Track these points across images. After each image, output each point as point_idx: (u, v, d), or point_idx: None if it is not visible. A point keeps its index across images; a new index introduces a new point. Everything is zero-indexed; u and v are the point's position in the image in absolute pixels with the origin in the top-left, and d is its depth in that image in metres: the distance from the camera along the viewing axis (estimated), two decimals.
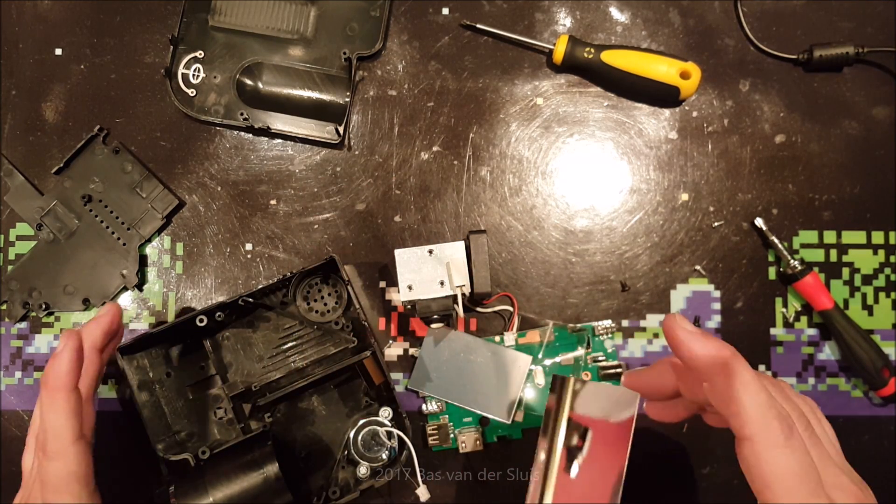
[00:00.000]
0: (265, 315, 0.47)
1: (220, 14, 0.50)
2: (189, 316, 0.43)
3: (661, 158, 0.50)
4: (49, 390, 0.36)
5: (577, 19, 0.50)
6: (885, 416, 0.48)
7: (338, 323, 0.46)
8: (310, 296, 0.46)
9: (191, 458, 0.42)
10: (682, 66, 0.46)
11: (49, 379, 0.37)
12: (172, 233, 0.50)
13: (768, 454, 0.28)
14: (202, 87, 0.49)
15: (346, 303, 0.46)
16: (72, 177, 0.49)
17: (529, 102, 0.50)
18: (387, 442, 0.43)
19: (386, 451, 0.43)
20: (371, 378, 0.44)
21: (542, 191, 0.50)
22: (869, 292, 0.49)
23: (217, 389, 0.46)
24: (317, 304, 0.46)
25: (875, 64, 0.50)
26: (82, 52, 0.50)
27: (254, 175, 0.50)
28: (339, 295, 0.46)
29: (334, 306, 0.46)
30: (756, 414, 0.28)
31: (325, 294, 0.47)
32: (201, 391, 0.46)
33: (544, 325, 0.48)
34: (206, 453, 0.42)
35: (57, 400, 0.36)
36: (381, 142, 0.50)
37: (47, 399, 0.36)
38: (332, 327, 0.46)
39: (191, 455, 0.42)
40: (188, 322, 0.43)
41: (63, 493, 0.35)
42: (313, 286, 0.46)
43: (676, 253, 0.49)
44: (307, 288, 0.46)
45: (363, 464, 0.43)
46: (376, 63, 0.50)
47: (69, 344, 0.37)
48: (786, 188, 0.49)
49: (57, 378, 0.36)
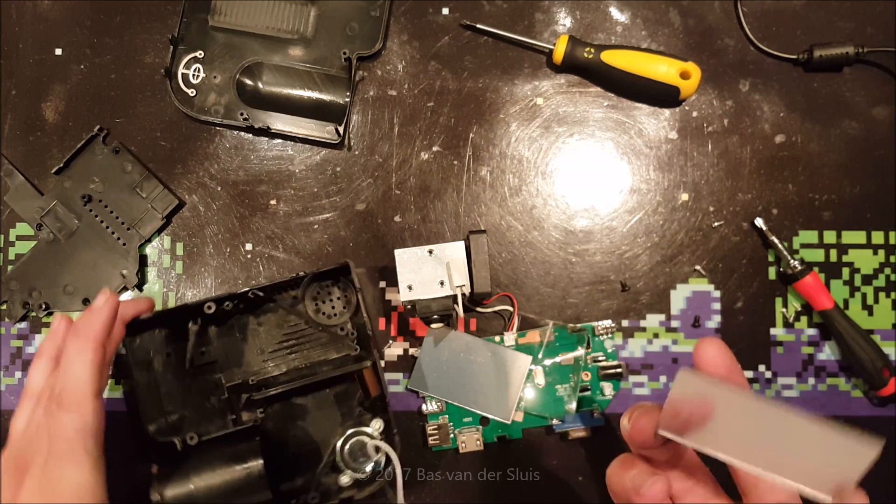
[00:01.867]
0: (272, 309, 0.46)
1: (219, 14, 0.50)
2: (199, 301, 0.43)
3: (661, 158, 0.50)
4: (81, 339, 0.36)
5: (577, 19, 0.50)
6: (885, 417, 0.48)
7: (343, 329, 0.46)
8: (319, 297, 0.46)
9: (178, 443, 0.42)
10: (682, 66, 0.46)
11: (83, 329, 0.36)
12: (172, 233, 0.50)
13: None
14: (202, 87, 0.49)
15: (355, 309, 0.46)
16: (72, 177, 0.49)
17: (529, 102, 0.50)
18: (373, 455, 0.43)
19: (371, 464, 0.43)
20: (368, 389, 0.44)
21: (542, 191, 0.50)
22: (869, 292, 0.49)
23: (215, 376, 0.46)
24: (325, 307, 0.46)
25: (875, 64, 0.50)
26: (82, 52, 0.50)
27: (254, 175, 0.50)
28: (349, 300, 0.46)
29: (342, 311, 0.46)
30: None
31: (335, 298, 0.46)
32: (199, 376, 0.46)
33: (544, 325, 0.48)
34: (195, 439, 0.42)
35: (87, 351, 0.36)
36: (381, 142, 0.50)
37: (76, 348, 0.36)
38: (338, 332, 0.46)
39: (178, 439, 0.42)
40: (196, 307, 0.43)
41: (76, 446, 0.34)
42: (324, 288, 0.46)
43: (676, 253, 0.49)
44: (318, 289, 0.46)
45: (346, 473, 0.43)
46: (376, 63, 0.50)
47: (110, 301, 0.37)
48: (786, 188, 0.49)
49: (92, 329, 0.36)
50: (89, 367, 0.35)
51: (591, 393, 0.47)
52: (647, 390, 0.48)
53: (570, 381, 0.47)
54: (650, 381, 0.48)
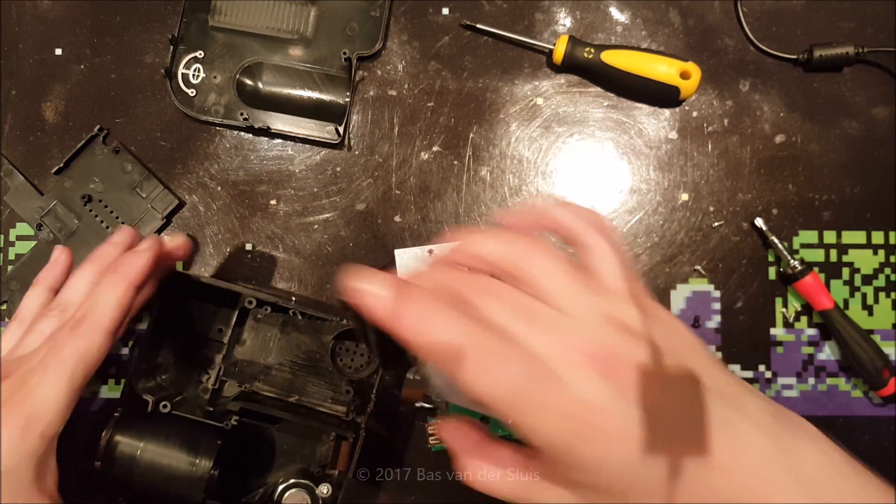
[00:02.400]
0: (298, 326, 0.46)
1: (219, 14, 0.50)
2: (241, 290, 0.43)
3: (661, 158, 0.50)
4: (118, 275, 0.36)
5: (577, 19, 0.50)
6: (885, 416, 0.48)
7: (349, 391, 0.45)
8: (346, 343, 0.45)
9: (151, 402, 0.42)
10: (682, 66, 0.46)
11: (122, 267, 0.36)
12: (172, 233, 0.50)
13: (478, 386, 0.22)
14: (202, 87, 0.49)
15: (371, 372, 0.45)
16: (72, 177, 0.49)
17: (529, 102, 0.50)
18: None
19: None
20: (337, 459, 0.43)
21: (542, 191, 0.50)
22: (869, 292, 0.49)
23: (217, 355, 0.46)
24: (347, 354, 0.45)
25: (875, 64, 0.50)
26: (82, 52, 0.50)
27: (254, 175, 0.50)
28: (370, 362, 0.45)
29: (358, 368, 0.45)
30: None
31: (360, 353, 0.45)
32: (204, 349, 0.46)
33: None
34: (167, 408, 0.42)
35: (119, 288, 0.36)
36: (381, 142, 0.50)
37: (110, 282, 0.36)
38: (343, 385, 0.45)
39: (153, 399, 0.42)
40: (236, 296, 0.44)
41: (66, 369, 0.34)
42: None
43: (676, 253, 0.49)
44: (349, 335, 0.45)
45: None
46: (376, 63, 0.50)
47: (153, 248, 0.38)
48: (786, 188, 0.49)
49: (132, 269, 0.36)
50: (116, 303, 0.35)
51: None
52: None
53: None
54: None
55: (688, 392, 0.24)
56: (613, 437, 0.22)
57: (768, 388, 0.48)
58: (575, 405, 0.22)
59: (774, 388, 0.48)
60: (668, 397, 0.23)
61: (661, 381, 0.23)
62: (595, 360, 0.23)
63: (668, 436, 0.23)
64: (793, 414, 0.26)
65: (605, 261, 0.26)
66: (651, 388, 0.23)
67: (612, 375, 0.23)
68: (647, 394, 0.23)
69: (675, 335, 0.26)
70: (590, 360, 0.23)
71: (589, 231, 0.27)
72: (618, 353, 0.23)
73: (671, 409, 0.23)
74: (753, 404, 0.25)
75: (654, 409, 0.23)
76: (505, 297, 0.24)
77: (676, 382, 0.24)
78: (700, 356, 0.26)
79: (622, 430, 0.22)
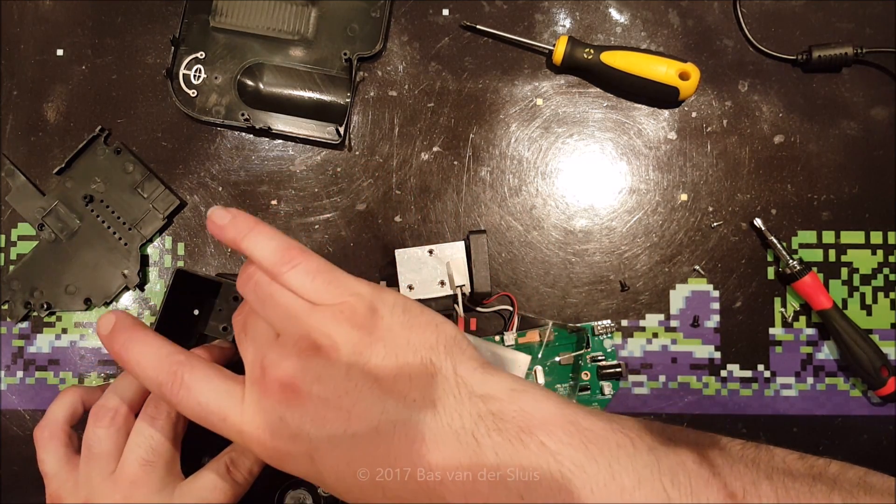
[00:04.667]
0: None
1: (220, 15, 0.50)
2: None
3: (660, 159, 0.50)
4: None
5: (577, 20, 0.51)
6: (884, 416, 0.48)
7: None
8: None
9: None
10: (681, 66, 0.47)
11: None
12: (174, 233, 0.50)
13: None
14: (203, 87, 0.49)
15: None
16: (73, 177, 0.49)
17: (529, 103, 0.50)
18: None
19: None
20: None
21: (541, 191, 0.50)
22: (867, 292, 0.49)
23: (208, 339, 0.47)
24: None
25: (874, 65, 0.50)
26: (84, 52, 0.51)
27: (255, 175, 0.50)
28: None
29: None
30: None
31: None
32: (197, 327, 0.47)
33: (544, 324, 0.48)
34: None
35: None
36: (382, 142, 0.50)
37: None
38: None
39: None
40: None
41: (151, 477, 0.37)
42: None
43: (676, 253, 0.49)
44: None
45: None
46: (377, 64, 0.50)
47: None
48: (784, 188, 0.49)
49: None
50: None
51: (591, 392, 0.48)
52: (646, 389, 0.48)
53: (569, 380, 0.47)
54: (649, 380, 0.48)
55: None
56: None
57: (767, 388, 0.48)
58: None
59: (773, 387, 0.48)
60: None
61: None
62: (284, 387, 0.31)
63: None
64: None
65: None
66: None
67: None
68: None
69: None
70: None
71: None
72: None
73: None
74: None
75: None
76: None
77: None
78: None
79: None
